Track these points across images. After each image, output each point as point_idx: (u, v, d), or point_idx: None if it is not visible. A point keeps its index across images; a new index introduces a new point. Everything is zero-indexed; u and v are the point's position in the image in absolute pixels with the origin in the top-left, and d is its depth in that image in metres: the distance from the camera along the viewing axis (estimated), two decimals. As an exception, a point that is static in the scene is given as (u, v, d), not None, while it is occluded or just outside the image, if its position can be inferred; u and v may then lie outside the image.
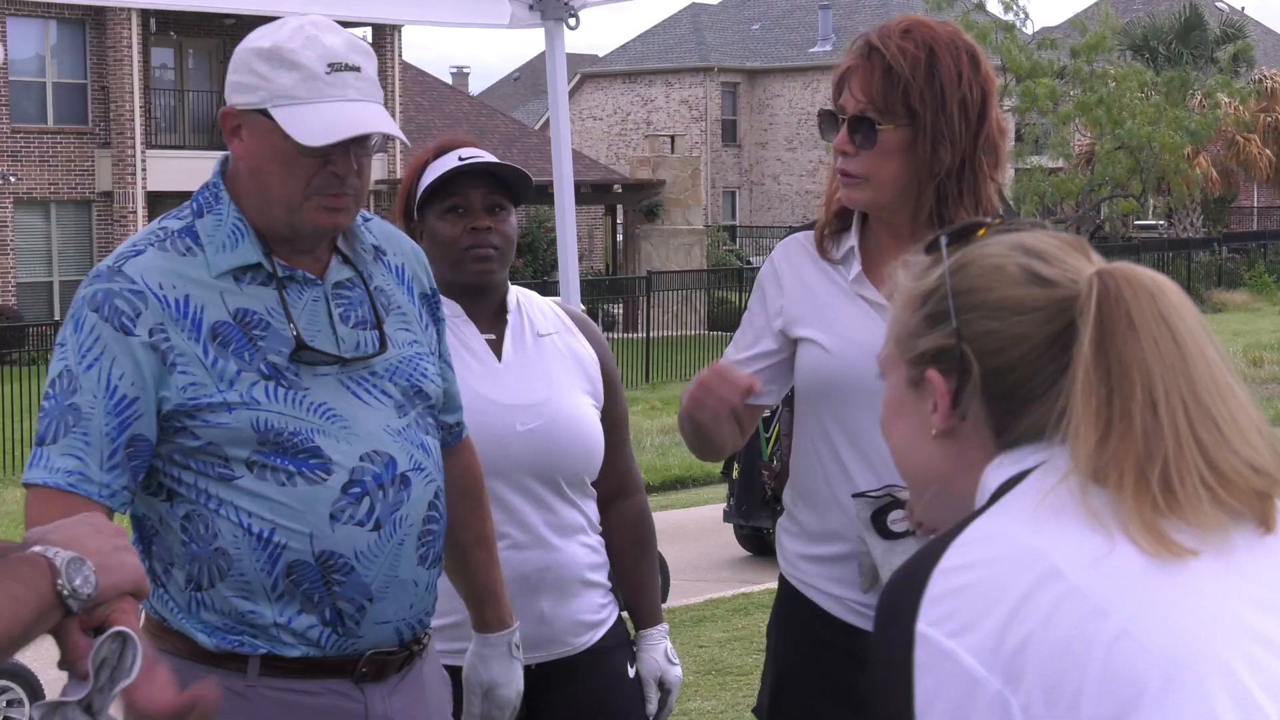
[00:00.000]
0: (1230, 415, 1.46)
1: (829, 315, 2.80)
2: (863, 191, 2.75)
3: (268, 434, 2.40)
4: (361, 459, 2.45)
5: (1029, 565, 1.40)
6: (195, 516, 2.42)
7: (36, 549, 1.68)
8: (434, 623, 2.69)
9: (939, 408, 1.55)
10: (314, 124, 2.39)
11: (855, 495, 2.75)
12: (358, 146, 2.45)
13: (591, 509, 3.20)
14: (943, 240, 1.60)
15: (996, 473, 1.52)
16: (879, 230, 2.82)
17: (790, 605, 2.92)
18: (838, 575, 2.81)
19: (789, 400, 11.02)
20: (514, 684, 2.87)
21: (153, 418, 2.39)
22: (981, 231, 1.60)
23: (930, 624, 1.41)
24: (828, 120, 2.78)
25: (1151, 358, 1.45)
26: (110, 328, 2.38)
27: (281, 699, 2.45)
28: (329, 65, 2.42)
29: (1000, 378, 1.52)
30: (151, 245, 2.45)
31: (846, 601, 2.80)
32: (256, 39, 2.47)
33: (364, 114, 2.43)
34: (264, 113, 2.43)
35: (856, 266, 2.81)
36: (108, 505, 2.36)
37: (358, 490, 2.44)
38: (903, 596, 1.45)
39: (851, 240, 2.83)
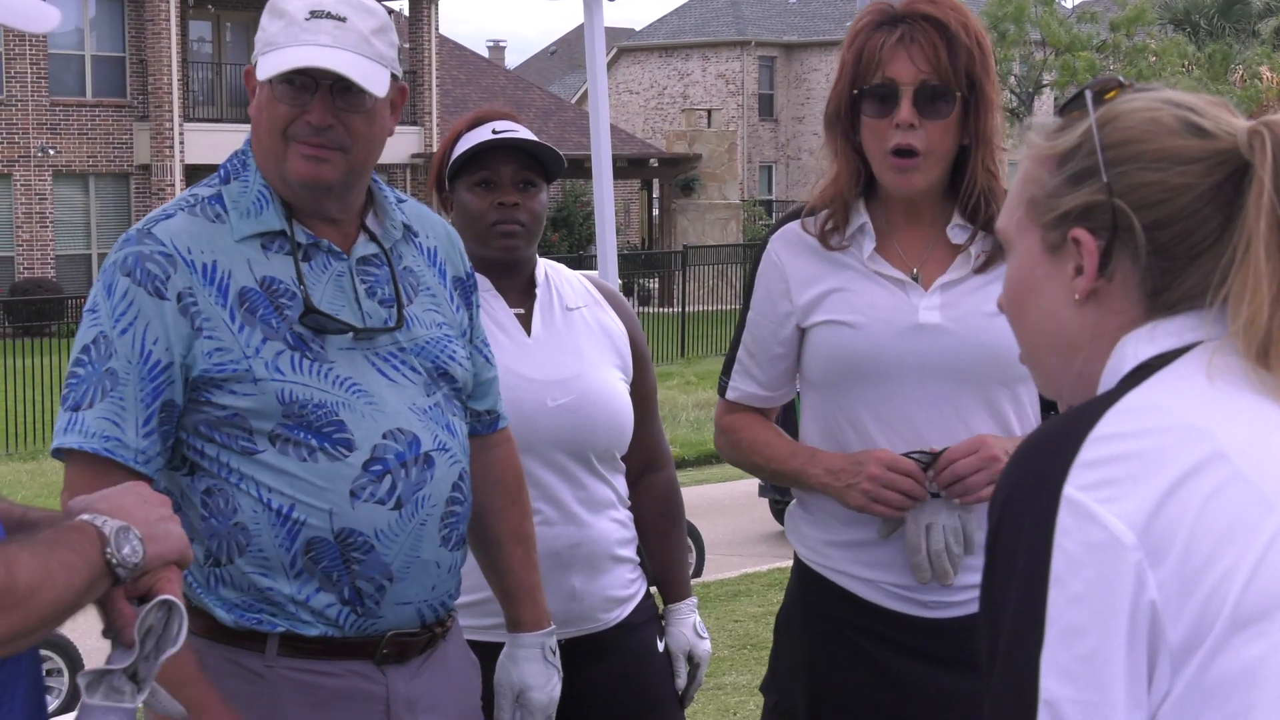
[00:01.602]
0: None
1: (849, 296, 2.76)
2: (921, 173, 2.68)
3: (292, 406, 2.38)
4: (384, 436, 2.42)
5: (1194, 443, 1.36)
6: (216, 491, 2.40)
7: (85, 517, 1.68)
8: (462, 599, 2.68)
9: (1086, 269, 1.49)
10: (272, 63, 2.40)
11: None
12: (341, 99, 2.42)
13: (621, 484, 3.19)
14: (1088, 95, 1.55)
15: (1146, 344, 1.47)
16: (890, 206, 2.77)
17: (817, 594, 2.84)
18: (871, 559, 2.76)
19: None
20: (547, 688, 2.80)
21: (182, 384, 2.37)
22: (1114, 92, 1.55)
23: (1081, 489, 1.36)
24: (879, 95, 2.68)
25: None
26: (144, 291, 2.36)
27: (301, 680, 2.42)
28: (310, 13, 2.42)
29: (1163, 231, 1.47)
30: (182, 210, 2.45)
31: (883, 585, 2.76)
32: None
33: (320, 55, 2.40)
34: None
35: (870, 244, 2.76)
36: (142, 471, 2.35)
37: (379, 468, 2.41)
38: (1049, 460, 1.40)
39: (862, 217, 2.78)
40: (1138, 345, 1.47)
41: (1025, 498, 1.40)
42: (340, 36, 2.41)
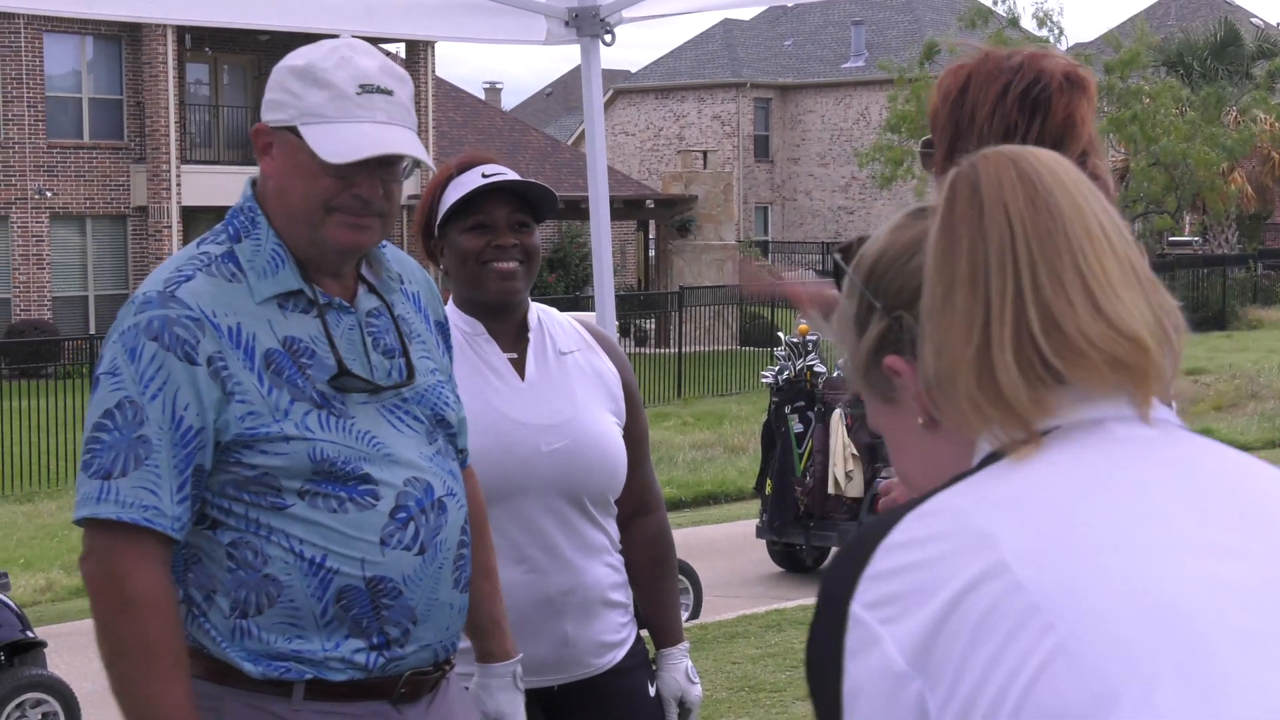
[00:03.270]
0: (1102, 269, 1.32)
1: None
2: None
3: (322, 464, 2.40)
4: (405, 484, 2.47)
5: (977, 552, 1.25)
6: (242, 544, 2.41)
7: None
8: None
9: (914, 392, 1.44)
10: (338, 142, 2.40)
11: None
12: (384, 170, 2.46)
13: (613, 527, 3.19)
14: (836, 256, 1.56)
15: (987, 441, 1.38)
16: None
17: None
18: None
19: (822, 416, 11.12)
20: (519, 714, 2.85)
21: (211, 448, 2.38)
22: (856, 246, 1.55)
23: (866, 606, 1.28)
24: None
25: (990, 224, 1.33)
26: (174, 357, 2.35)
27: None
28: (360, 86, 2.43)
29: None
30: (199, 271, 2.43)
31: None
32: (292, 58, 2.48)
33: (389, 135, 2.44)
34: (294, 130, 2.44)
35: None
36: (177, 538, 2.37)
37: (404, 515, 2.45)
38: (844, 569, 1.31)
39: None
40: (984, 442, 1.37)
41: (823, 612, 1.33)
42: (393, 112, 2.45)
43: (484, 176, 3.06)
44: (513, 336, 3.15)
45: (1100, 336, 1.31)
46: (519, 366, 3.13)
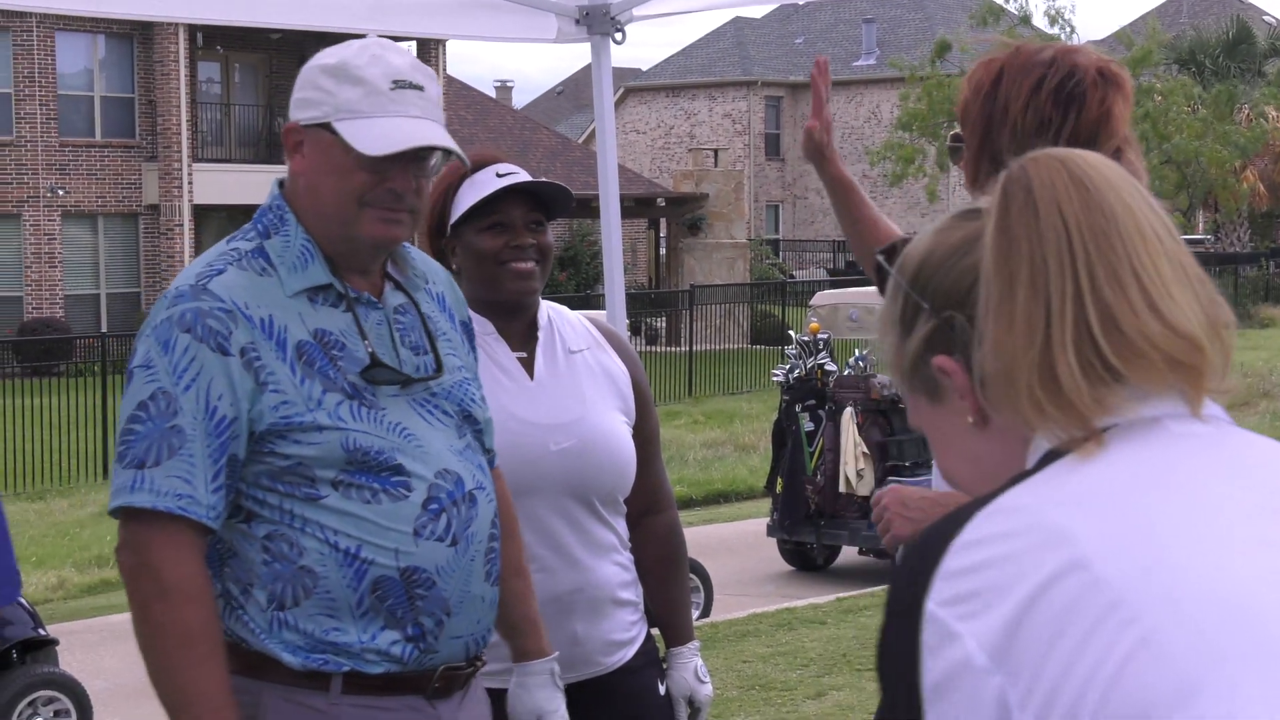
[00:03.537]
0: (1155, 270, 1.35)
1: None
2: None
3: (355, 453, 2.42)
4: (435, 476, 2.49)
5: (1053, 549, 1.27)
6: (278, 536, 2.43)
7: None
8: None
9: (959, 386, 1.46)
10: (375, 136, 2.43)
11: None
12: (416, 166, 2.49)
13: (622, 526, 3.19)
14: (879, 257, 1.58)
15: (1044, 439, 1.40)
16: None
17: None
18: None
19: (833, 414, 11.07)
20: (560, 712, 2.85)
21: (245, 438, 2.40)
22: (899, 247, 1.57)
23: (941, 603, 1.29)
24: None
25: (1047, 226, 1.36)
26: (206, 348, 2.38)
27: (363, 716, 2.46)
28: (393, 82, 2.46)
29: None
30: (231, 265, 2.47)
31: None
32: (323, 57, 2.51)
33: (424, 129, 2.47)
34: (327, 127, 2.47)
35: None
36: (213, 527, 2.39)
37: (436, 506, 2.48)
38: (916, 568, 1.34)
39: None
40: (1041, 440, 1.39)
41: (897, 610, 1.36)
42: (425, 107, 2.49)
43: (498, 176, 3.05)
44: (522, 336, 3.15)
45: (1158, 336, 1.33)
46: (528, 366, 3.13)
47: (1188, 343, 1.34)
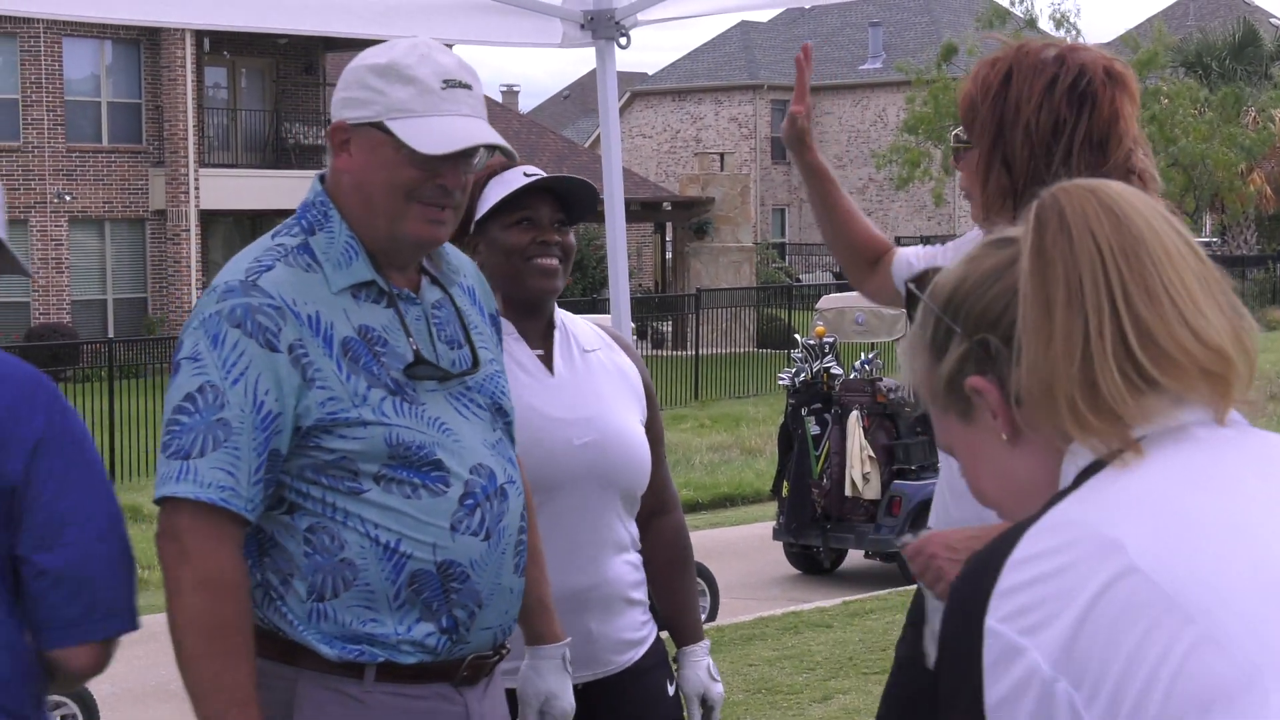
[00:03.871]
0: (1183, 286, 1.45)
1: None
2: None
3: (398, 448, 2.47)
4: (471, 471, 2.54)
5: (1105, 558, 1.35)
6: (319, 529, 2.47)
7: None
8: None
9: (993, 404, 1.53)
10: (432, 135, 2.48)
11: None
12: (465, 162, 2.53)
13: (633, 527, 3.22)
14: (910, 285, 1.68)
15: (1083, 451, 1.48)
16: None
17: None
18: None
19: (839, 418, 11.06)
20: (568, 696, 2.88)
21: (289, 433, 2.44)
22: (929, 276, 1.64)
23: (1001, 620, 1.37)
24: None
25: (1081, 249, 1.45)
26: (255, 343, 2.42)
27: (395, 704, 2.52)
28: (444, 81, 2.50)
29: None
30: (278, 261, 2.50)
31: None
32: (372, 56, 2.54)
33: (478, 129, 2.52)
34: (377, 126, 2.50)
35: None
36: (251, 520, 2.43)
37: (471, 501, 2.53)
38: (972, 590, 1.41)
39: None
40: (1076, 454, 1.48)
41: (954, 631, 1.43)
42: (475, 105, 2.55)
43: (525, 175, 3.11)
44: (540, 334, 3.19)
45: (1191, 347, 1.44)
46: (547, 362, 3.17)
47: (1216, 354, 1.44)
